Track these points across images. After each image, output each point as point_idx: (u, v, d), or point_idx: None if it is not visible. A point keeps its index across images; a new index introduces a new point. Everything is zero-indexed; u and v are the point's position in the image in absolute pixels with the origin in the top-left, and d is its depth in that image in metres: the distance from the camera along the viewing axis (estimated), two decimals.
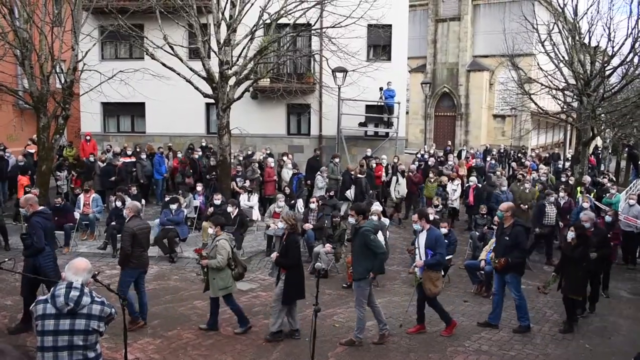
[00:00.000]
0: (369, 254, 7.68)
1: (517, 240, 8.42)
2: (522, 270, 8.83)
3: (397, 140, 20.83)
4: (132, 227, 8.29)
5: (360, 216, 7.95)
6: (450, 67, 34.68)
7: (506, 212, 8.60)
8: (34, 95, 15.79)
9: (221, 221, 8.82)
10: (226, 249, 8.15)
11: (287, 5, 14.80)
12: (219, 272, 8.12)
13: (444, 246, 8.28)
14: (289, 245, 7.96)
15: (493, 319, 8.94)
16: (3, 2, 15.14)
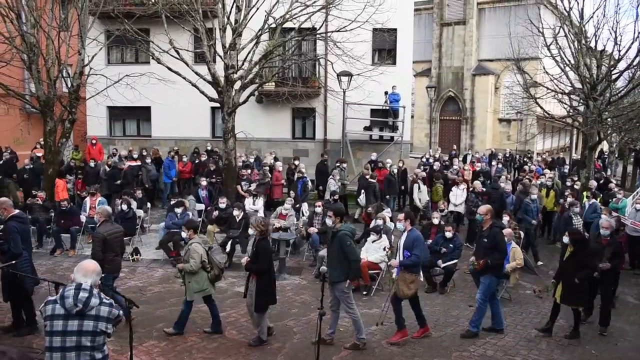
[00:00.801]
0: (346, 258, 7.63)
1: (495, 241, 8.35)
2: (500, 272, 8.76)
3: (402, 144, 20.81)
4: (103, 233, 8.30)
5: (338, 218, 7.88)
6: (455, 71, 34.67)
7: (485, 215, 8.56)
8: (40, 100, 15.88)
9: (194, 225, 8.82)
10: (198, 252, 8.13)
11: (292, 9, 14.86)
12: (194, 275, 8.12)
13: (422, 248, 8.19)
14: (260, 251, 7.87)
15: (497, 324, 8.90)
16: (10, 7, 15.25)
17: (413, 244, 8.03)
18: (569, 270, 8.64)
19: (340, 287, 7.76)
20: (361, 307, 9.77)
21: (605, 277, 9.12)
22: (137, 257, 12.47)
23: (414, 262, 8.05)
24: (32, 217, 13.70)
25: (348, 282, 7.74)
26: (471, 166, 19.55)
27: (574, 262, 8.63)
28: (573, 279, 8.50)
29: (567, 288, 8.61)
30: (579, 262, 8.59)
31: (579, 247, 8.71)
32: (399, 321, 8.31)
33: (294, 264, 12.45)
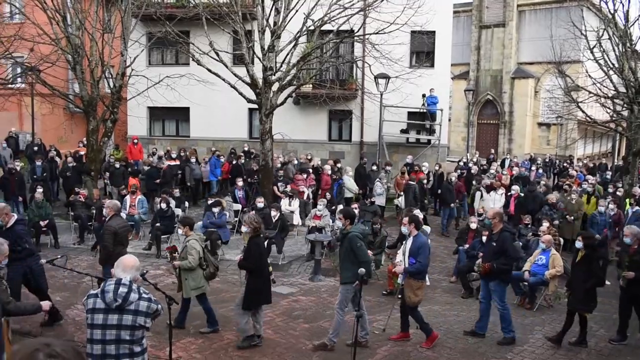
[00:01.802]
0: (356, 260, 7.58)
1: (504, 246, 8.18)
2: (507, 278, 8.56)
3: (439, 147, 20.63)
4: (114, 226, 8.44)
5: (348, 220, 7.87)
6: (494, 74, 34.20)
7: (493, 219, 8.42)
8: (84, 99, 16.34)
9: (189, 221, 8.81)
10: (196, 249, 8.14)
11: (330, 12, 14.89)
12: (190, 273, 8.15)
13: (426, 255, 7.97)
14: (251, 248, 7.85)
15: (480, 328, 8.69)
16: (57, 10, 15.73)
17: (418, 250, 7.89)
18: (579, 276, 8.35)
19: (347, 287, 7.73)
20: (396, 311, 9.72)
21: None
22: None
23: (418, 269, 7.91)
24: (74, 214, 14.13)
25: (356, 283, 7.56)
26: (509, 171, 19.24)
27: (585, 267, 8.32)
28: (582, 284, 8.21)
29: (575, 293, 8.37)
30: (588, 268, 8.28)
31: (590, 251, 8.39)
32: (423, 328, 8.17)
33: (328, 266, 12.45)
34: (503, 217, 8.84)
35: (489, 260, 8.29)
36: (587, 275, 8.23)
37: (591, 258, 8.35)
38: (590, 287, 8.21)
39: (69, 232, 14.31)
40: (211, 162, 18.24)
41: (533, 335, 8.89)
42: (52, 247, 13.25)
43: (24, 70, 18.59)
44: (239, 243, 13.69)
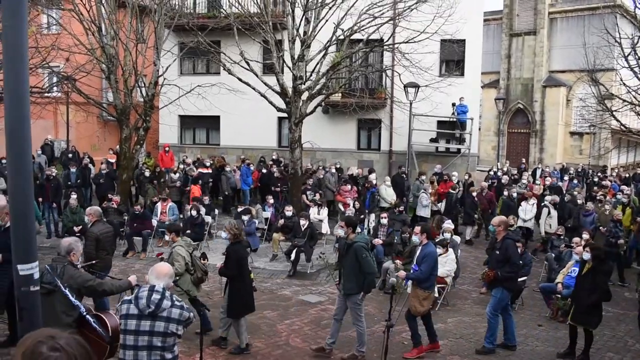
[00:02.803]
0: (361, 270, 7.48)
1: (508, 253, 8.04)
2: (512, 286, 8.40)
3: (469, 156, 20.43)
4: (96, 232, 8.44)
5: (350, 229, 7.77)
6: (524, 83, 33.76)
7: (498, 227, 8.29)
8: (118, 108, 16.66)
9: (176, 228, 8.84)
10: (182, 255, 8.14)
11: (360, 21, 14.93)
12: (178, 278, 8.14)
13: (430, 264, 7.84)
14: (230, 255, 7.83)
15: (508, 340, 8.55)
16: (92, 21, 16.12)
17: (423, 259, 7.83)
18: (584, 288, 8.07)
19: (354, 299, 7.64)
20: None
21: None
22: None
23: (417, 276, 7.82)
24: (106, 220, 14.34)
25: (362, 295, 7.61)
26: (542, 180, 18.94)
27: (591, 280, 8.05)
28: (587, 298, 7.96)
29: (579, 306, 8.12)
30: (594, 281, 8.02)
31: (597, 263, 8.12)
32: (414, 337, 8.10)
33: None
34: (508, 225, 8.68)
35: (493, 269, 8.20)
36: (593, 288, 7.98)
37: (598, 271, 8.10)
38: (595, 301, 7.96)
39: None
40: (242, 171, 18.29)
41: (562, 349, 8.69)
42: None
43: (60, 79, 19.07)
44: (268, 251, 13.77)
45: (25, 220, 2.78)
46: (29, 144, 2.74)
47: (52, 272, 5.43)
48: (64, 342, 1.88)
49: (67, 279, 5.48)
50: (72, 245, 5.82)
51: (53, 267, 5.53)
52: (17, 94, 2.68)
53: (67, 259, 5.71)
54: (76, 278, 5.62)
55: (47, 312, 5.28)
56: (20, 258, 2.77)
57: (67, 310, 5.42)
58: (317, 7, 15.04)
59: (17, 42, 2.67)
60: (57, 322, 5.33)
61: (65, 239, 6.06)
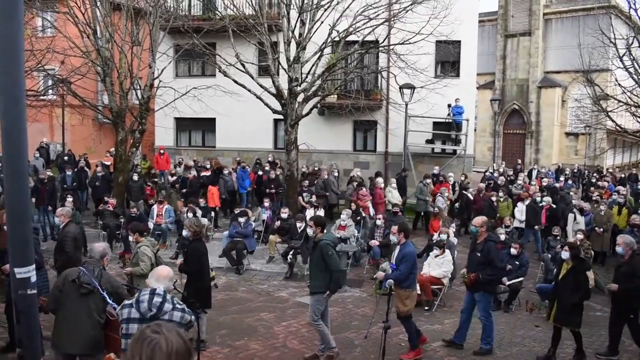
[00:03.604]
0: (327, 269, 7.45)
1: (490, 256, 7.96)
2: (493, 289, 8.34)
3: (465, 157, 20.47)
4: (73, 232, 8.44)
5: (319, 228, 7.72)
6: (520, 84, 33.88)
7: (481, 227, 8.15)
8: (113, 111, 16.64)
9: (139, 228, 8.80)
10: (147, 255, 8.06)
11: (355, 22, 14.96)
12: (142, 279, 8.06)
13: (410, 264, 7.76)
14: (190, 252, 7.82)
15: (458, 338, 8.50)
16: (87, 23, 16.10)
17: (402, 258, 7.73)
18: (566, 288, 8.02)
19: (317, 297, 7.57)
20: (423, 323, 9.65)
21: None
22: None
23: (397, 277, 7.72)
24: (103, 222, 14.35)
25: (327, 294, 7.55)
26: (538, 181, 18.98)
27: (573, 279, 8.00)
28: (569, 298, 7.89)
29: (561, 306, 8.06)
30: (576, 280, 7.97)
31: (578, 262, 8.07)
32: (411, 340, 8.01)
33: (354, 277, 12.41)
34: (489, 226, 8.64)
35: (474, 271, 8.07)
36: (575, 287, 7.92)
37: (578, 270, 8.04)
38: (577, 300, 7.92)
39: (97, 241, 14.46)
40: (238, 174, 18.17)
41: (563, 350, 8.70)
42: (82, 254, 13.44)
43: (55, 82, 19.01)
44: (264, 253, 13.75)
45: (21, 223, 2.77)
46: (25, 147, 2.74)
47: (90, 274, 5.52)
48: (165, 328, 2.17)
49: (104, 282, 5.62)
50: (105, 250, 6.05)
51: (89, 269, 5.62)
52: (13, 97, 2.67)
53: (101, 262, 5.80)
54: (112, 282, 5.82)
55: (82, 310, 5.41)
56: (17, 261, 2.76)
57: (100, 311, 5.54)
58: (312, 9, 15.06)
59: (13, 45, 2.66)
60: (91, 320, 5.48)
61: (98, 244, 6.21)
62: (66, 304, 5.51)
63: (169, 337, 2.12)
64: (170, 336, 2.13)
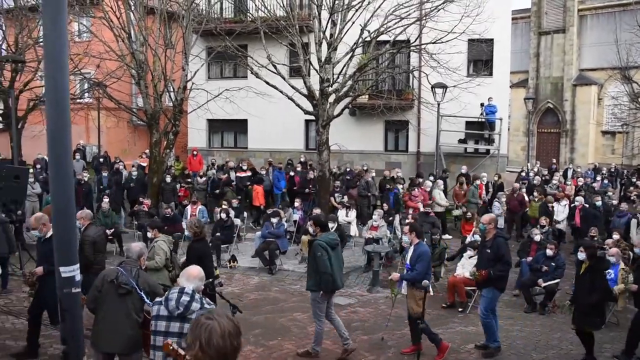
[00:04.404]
0: None
1: (500, 252, 7.83)
2: (503, 285, 8.14)
3: (498, 157, 20.19)
4: (92, 235, 8.44)
5: (318, 228, 7.77)
6: (554, 82, 33.24)
7: (489, 225, 8.05)
8: (147, 113, 16.91)
9: (158, 224, 8.93)
10: (164, 250, 8.18)
11: (387, 22, 14.89)
12: (156, 273, 8.10)
13: (425, 264, 7.74)
14: (191, 253, 7.88)
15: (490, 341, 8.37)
16: (122, 27, 16.41)
17: (417, 258, 7.73)
18: (583, 289, 7.83)
19: (314, 295, 7.71)
20: (457, 325, 9.57)
21: None
22: (234, 264, 12.92)
23: (414, 277, 7.71)
24: (137, 223, 14.61)
25: (321, 294, 7.61)
26: (574, 181, 18.60)
27: (589, 279, 7.80)
28: (586, 298, 7.70)
29: (579, 308, 7.88)
30: (593, 280, 7.76)
31: (594, 262, 7.87)
32: (434, 340, 7.91)
33: (386, 277, 12.34)
34: (497, 223, 8.51)
35: (484, 268, 7.96)
36: (591, 288, 7.73)
37: (595, 269, 7.85)
38: (595, 301, 7.70)
39: (132, 241, 14.73)
40: (274, 175, 18.17)
41: (602, 354, 8.50)
42: (117, 254, 13.72)
43: (91, 85, 19.46)
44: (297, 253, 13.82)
45: (66, 223, 2.85)
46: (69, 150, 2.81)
47: (128, 274, 5.63)
48: (216, 314, 2.55)
49: (142, 282, 5.72)
50: (142, 250, 6.14)
51: (127, 270, 5.73)
52: (58, 101, 2.75)
53: (138, 262, 5.91)
54: (149, 282, 5.91)
55: (121, 310, 5.51)
56: (62, 260, 2.84)
57: (138, 310, 5.62)
58: (343, 10, 15.04)
59: (58, 50, 2.73)
60: (129, 320, 5.58)
61: (135, 244, 6.31)
62: (105, 303, 5.62)
63: (220, 321, 2.50)
64: (222, 320, 2.51)
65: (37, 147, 21.65)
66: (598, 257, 8.04)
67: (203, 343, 2.47)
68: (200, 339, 2.47)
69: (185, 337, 2.59)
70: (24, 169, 13.50)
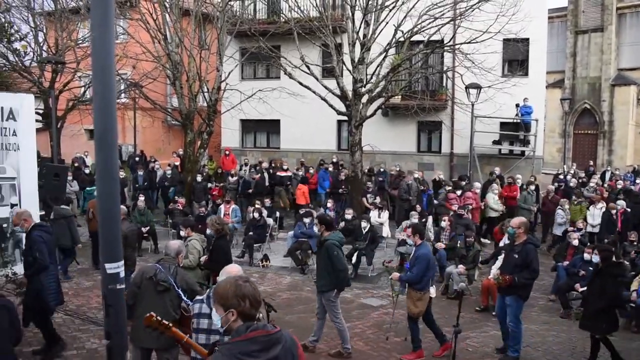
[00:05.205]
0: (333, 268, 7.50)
1: (528, 259, 7.55)
2: (526, 294, 7.86)
3: (534, 159, 19.84)
4: (124, 230, 8.53)
5: (323, 226, 7.75)
6: (591, 82, 32.47)
7: (518, 229, 7.79)
8: (182, 113, 17.17)
9: (191, 223, 9.01)
10: (197, 249, 8.23)
11: (420, 22, 14.80)
12: (190, 271, 8.11)
13: (424, 266, 7.62)
14: (215, 249, 7.90)
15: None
16: (159, 29, 16.70)
17: (416, 260, 7.69)
18: (593, 293, 7.62)
19: (327, 295, 7.68)
20: (491, 328, 9.45)
21: None
22: (266, 264, 13.02)
23: (410, 278, 7.68)
24: (172, 221, 14.84)
25: (335, 292, 7.61)
26: (612, 183, 18.16)
27: (599, 283, 7.59)
28: (595, 303, 7.49)
29: (588, 312, 7.67)
30: (605, 285, 7.51)
31: (607, 266, 7.64)
32: (414, 340, 7.88)
33: None
34: (529, 228, 8.26)
35: (509, 273, 7.71)
36: (601, 292, 7.50)
37: (606, 273, 7.61)
38: (603, 306, 7.44)
39: (167, 239, 14.98)
40: (319, 175, 18.06)
41: None
42: (152, 252, 13.97)
43: (128, 86, 19.85)
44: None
45: (112, 221, 2.93)
46: (116, 149, 2.89)
47: (166, 272, 5.74)
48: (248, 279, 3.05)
49: (179, 280, 5.82)
50: (180, 247, 6.23)
51: (165, 267, 5.84)
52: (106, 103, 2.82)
53: (176, 260, 6.02)
54: (187, 279, 5.99)
55: (159, 307, 5.57)
56: (107, 257, 2.93)
57: (175, 307, 5.73)
58: (377, 10, 15.02)
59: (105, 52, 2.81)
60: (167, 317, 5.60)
61: (173, 242, 6.44)
62: (144, 300, 5.73)
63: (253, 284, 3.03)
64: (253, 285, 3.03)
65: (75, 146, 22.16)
66: (613, 262, 7.81)
67: (251, 298, 2.93)
68: (248, 297, 2.91)
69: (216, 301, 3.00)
70: (63, 167, 13.87)
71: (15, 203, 10.94)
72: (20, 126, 11.01)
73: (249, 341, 2.78)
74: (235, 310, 2.91)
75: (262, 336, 2.83)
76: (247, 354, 2.75)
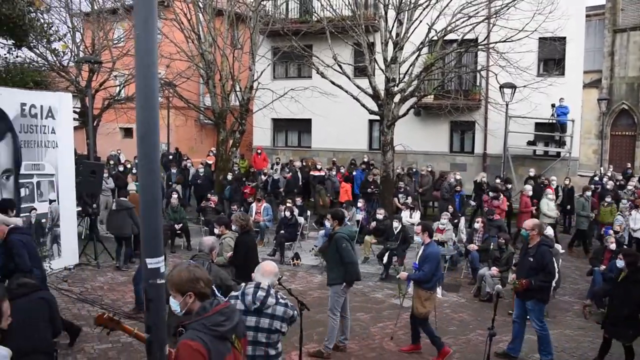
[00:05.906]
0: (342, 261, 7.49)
1: (543, 261, 7.39)
2: (545, 297, 7.71)
3: (569, 160, 19.46)
4: None
5: (336, 221, 7.76)
6: (630, 82, 31.63)
7: (532, 231, 7.62)
8: (215, 112, 17.35)
9: (225, 221, 8.95)
10: (231, 247, 8.19)
11: (454, 21, 14.65)
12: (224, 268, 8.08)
13: (433, 265, 7.59)
14: (238, 245, 7.91)
15: (512, 350, 7.98)
16: (192, 29, 16.91)
17: (425, 259, 7.63)
18: (618, 298, 7.40)
19: (335, 289, 7.69)
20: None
21: None
22: (297, 262, 13.06)
23: (419, 277, 7.64)
24: (204, 218, 15.02)
25: (344, 285, 7.59)
26: None
27: (624, 289, 7.35)
28: (619, 309, 7.28)
29: (611, 317, 7.46)
30: (630, 291, 7.27)
31: (632, 271, 7.40)
32: (434, 342, 7.77)
33: (451, 281, 12.16)
34: (543, 230, 8.10)
35: (525, 276, 7.56)
36: (626, 298, 7.29)
37: (632, 279, 7.39)
38: (628, 313, 7.24)
39: (199, 236, 15.17)
40: (356, 175, 17.99)
41: None
42: (184, 249, 14.15)
43: (161, 85, 20.13)
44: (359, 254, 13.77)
45: (153, 217, 2.98)
46: (157, 147, 2.94)
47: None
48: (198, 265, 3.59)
49: (213, 275, 5.81)
50: (214, 243, 6.36)
51: (199, 263, 5.86)
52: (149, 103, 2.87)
53: (210, 256, 6.09)
54: (220, 275, 6.07)
55: None
56: (149, 252, 2.98)
57: None
58: (410, 8, 14.92)
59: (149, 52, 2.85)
60: None
61: (207, 238, 6.54)
62: None
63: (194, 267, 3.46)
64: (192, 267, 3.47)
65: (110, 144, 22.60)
66: (638, 267, 7.57)
67: (204, 279, 3.39)
68: (201, 279, 3.37)
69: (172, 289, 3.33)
70: (100, 164, 14.16)
71: (53, 199, 11.26)
72: (59, 124, 11.30)
73: (217, 314, 3.28)
74: (192, 292, 3.32)
75: (224, 308, 3.36)
76: (217, 325, 3.24)
